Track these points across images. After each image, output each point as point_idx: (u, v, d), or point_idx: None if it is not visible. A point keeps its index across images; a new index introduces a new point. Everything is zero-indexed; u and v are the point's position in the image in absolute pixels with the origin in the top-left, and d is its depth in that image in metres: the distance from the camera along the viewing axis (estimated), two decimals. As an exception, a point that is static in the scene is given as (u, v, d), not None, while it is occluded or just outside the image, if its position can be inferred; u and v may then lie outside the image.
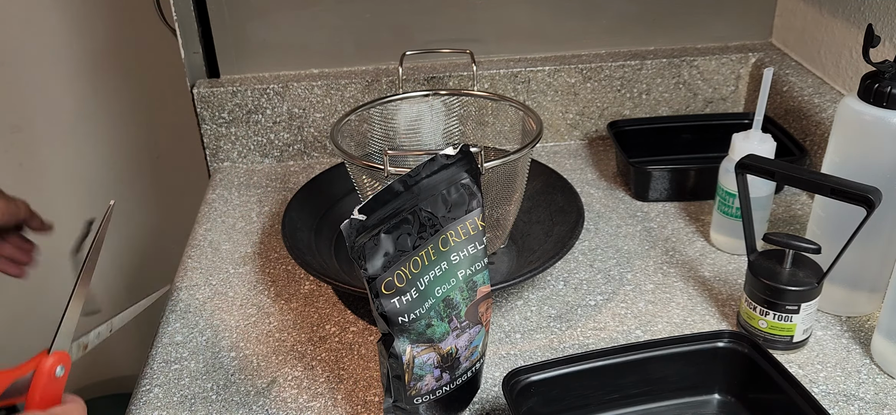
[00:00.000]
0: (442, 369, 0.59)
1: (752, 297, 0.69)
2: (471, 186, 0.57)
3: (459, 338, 0.58)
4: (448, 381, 0.60)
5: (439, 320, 0.57)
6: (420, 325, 0.56)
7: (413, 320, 0.55)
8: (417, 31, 1.05)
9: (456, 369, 0.60)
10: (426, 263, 0.55)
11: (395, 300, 0.54)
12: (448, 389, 0.60)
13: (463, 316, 0.58)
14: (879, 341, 0.68)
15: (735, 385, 0.65)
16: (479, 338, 0.60)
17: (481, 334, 0.61)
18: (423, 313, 0.55)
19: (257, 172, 1.06)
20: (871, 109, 0.67)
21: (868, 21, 0.87)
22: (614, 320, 0.75)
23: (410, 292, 0.55)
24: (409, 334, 0.55)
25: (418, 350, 0.56)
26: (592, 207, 0.93)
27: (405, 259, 0.54)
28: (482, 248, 0.58)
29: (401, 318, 0.55)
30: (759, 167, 0.69)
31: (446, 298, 0.57)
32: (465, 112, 0.87)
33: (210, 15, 1.02)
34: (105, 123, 1.38)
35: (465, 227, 0.57)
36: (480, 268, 0.59)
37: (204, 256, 0.87)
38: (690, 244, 0.86)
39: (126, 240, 1.48)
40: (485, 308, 0.60)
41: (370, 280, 0.53)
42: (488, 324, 0.62)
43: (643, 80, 1.07)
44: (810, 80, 0.98)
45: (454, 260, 0.57)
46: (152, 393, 0.68)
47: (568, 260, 0.84)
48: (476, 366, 0.62)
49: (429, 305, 0.56)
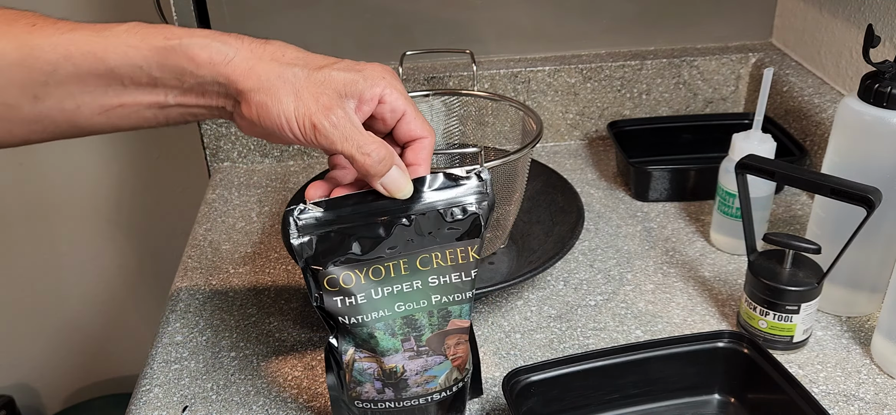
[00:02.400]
0: (384, 383, 0.56)
1: (752, 297, 0.69)
2: (477, 213, 0.54)
3: (412, 360, 0.56)
4: (392, 398, 0.57)
5: (388, 335, 0.54)
6: (362, 332, 0.54)
7: (354, 324, 0.54)
8: (417, 31, 1.05)
9: (402, 390, 0.57)
10: (392, 276, 0.53)
11: (337, 299, 0.53)
12: (392, 406, 0.57)
13: (423, 341, 0.55)
14: (879, 342, 0.68)
15: (735, 385, 0.65)
16: (439, 369, 0.57)
17: (444, 368, 0.57)
18: (365, 322, 0.53)
19: (257, 172, 1.06)
20: (871, 109, 0.67)
21: (868, 21, 0.87)
22: (614, 320, 0.75)
23: (357, 297, 0.53)
24: (353, 337, 0.54)
25: (360, 355, 0.55)
26: (592, 207, 0.93)
27: (363, 265, 0.53)
28: (469, 281, 0.55)
29: (340, 318, 0.53)
30: (759, 167, 0.69)
31: (407, 316, 0.54)
32: (465, 112, 0.87)
33: (210, 15, 1.02)
34: (105, 123, 1.37)
35: (455, 253, 0.54)
36: (461, 300, 0.55)
37: (204, 256, 0.87)
38: (690, 244, 0.86)
39: (126, 240, 1.48)
40: (455, 343, 0.57)
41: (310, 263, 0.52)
42: (460, 363, 0.58)
43: (643, 81, 1.07)
44: (810, 81, 0.98)
45: (431, 283, 0.54)
46: (152, 393, 0.68)
47: (568, 260, 0.84)
48: (432, 397, 0.58)
49: (377, 316, 0.54)
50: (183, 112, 0.54)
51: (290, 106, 0.50)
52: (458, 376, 0.59)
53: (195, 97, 0.52)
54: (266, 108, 0.50)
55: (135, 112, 0.53)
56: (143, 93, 0.52)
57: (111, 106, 0.53)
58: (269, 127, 0.50)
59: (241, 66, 0.50)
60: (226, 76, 0.50)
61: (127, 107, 0.53)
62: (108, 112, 0.53)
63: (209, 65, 0.51)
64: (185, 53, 0.50)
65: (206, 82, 0.51)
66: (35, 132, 0.54)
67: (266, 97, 0.50)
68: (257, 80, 0.50)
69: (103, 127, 0.54)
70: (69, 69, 0.51)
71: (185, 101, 0.53)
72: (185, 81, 0.51)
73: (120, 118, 0.54)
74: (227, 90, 0.51)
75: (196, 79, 0.51)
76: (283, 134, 0.50)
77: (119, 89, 0.52)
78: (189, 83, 0.51)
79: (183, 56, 0.51)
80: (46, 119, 0.53)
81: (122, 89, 0.52)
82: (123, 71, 0.51)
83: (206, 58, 0.51)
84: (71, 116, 0.53)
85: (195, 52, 0.50)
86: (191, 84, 0.51)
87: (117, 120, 0.54)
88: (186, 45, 0.50)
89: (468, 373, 0.60)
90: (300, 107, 0.50)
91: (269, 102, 0.50)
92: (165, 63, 0.51)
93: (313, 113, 0.50)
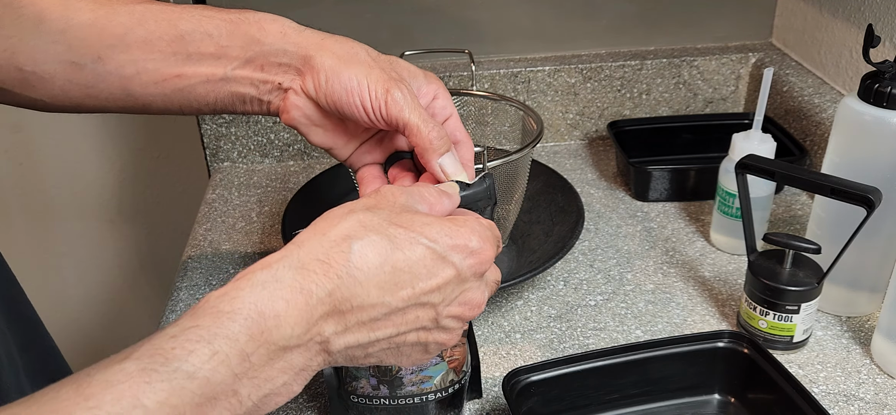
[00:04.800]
0: (379, 379, 0.57)
1: (752, 297, 0.69)
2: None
3: None
4: (386, 395, 0.57)
5: None
6: None
7: None
8: (417, 31, 1.05)
9: (397, 388, 0.57)
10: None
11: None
12: (387, 403, 0.58)
13: None
14: (879, 341, 0.68)
15: (735, 385, 0.65)
16: (434, 370, 0.58)
17: (440, 369, 0.58)
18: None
19: (257, 172, 1.06)
20: (871, 109, 0.67)
21: (868, 21, 0.87)
22: (614, 320, 0.75)
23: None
24: None
25: None
26: (592, 207, 0.93)
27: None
28: None
29: None
30: (759, 167, 0.69)
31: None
32: (465, 112, 0.87)
33: (210, 15, 1.02)
34: (105, 123, 1.38)
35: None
36: None
37: (204, 256, 0.87)
38: (690, 244, 0.86)
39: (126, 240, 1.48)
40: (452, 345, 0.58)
41: None
42: (457, 365, 0.59)
43: (643, 80, 1.07)
44: (810, 81, 0.98)
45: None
46: (152, 393, 0.68)
47: (568, 260, 0.84)
48: (426, 397, 0.58)
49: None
50: (234, 92, 0.54)
51: (363, 72, 0.50)
52: (455, 378, 0.59)
53: (253, 70, 0.53)
54: (336, 73, 0.50)
55: (189, 87, 0.54)
56: (205, 63, 0.53)
57: (169, 75, 0.53)
58: (335, 94, 0.51)
59: (311, 38, 0.52)
60: (296, 43, 0.52)
61: (184, 78, 0.53)
62: (164, 83, 0.54)
63: (280, 34, 0.52)
64: (257, 23, 0.52)
65: (271, 51, 0.52)
66: (90, 97, 0.55)
67: (338, 63, 0.51)
68: (329, 51, 0.51)
69: (154, 100, 0.55)
70: (140, 34, 0.52)
71: (244, 73, 0.53)
72: (251, 50, 0.52)
73: (173, 91, 0.54)
74: (294, 60, 0.52)
75: (262, 47, 0.52)
76: (350, 100, 0.50)
77: (183, 58, 0.53)
78: (254, 52, 0.52)
79: (254, 25, 0.52)
80: (103, 84, 0.54)
81: (185, 58, 0.53)
82: (194, 36, 0.52)
83: (278, 29, 0.52)
84: (127, 84, 0.54)
85: (266, 23, 0.52)
86: (255, 53, 0.52)
87: (171, 92, 0.54)
88: (260, 17, 0.52)
89: (465, 375, 0.60)
90: (372, 75, 0.50)
91: (341, 68, 0.50)
92: (236, 31, 0.52)
93: (386, 81, 0.50)
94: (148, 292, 1.53)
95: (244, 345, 0.37)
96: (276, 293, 0.39)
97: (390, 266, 0.41)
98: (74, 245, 1.46)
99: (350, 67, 0.50)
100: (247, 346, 0.37)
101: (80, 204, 1.43)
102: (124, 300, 1.53)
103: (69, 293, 1.51)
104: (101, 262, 1.49)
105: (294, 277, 0.39)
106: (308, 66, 0.51)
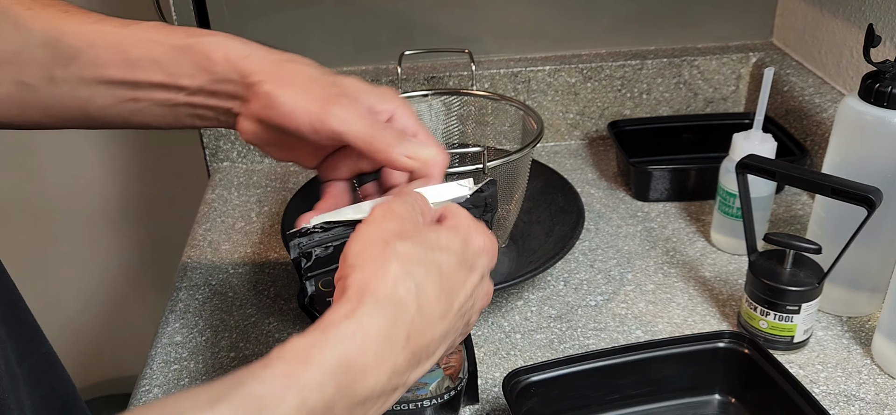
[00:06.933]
0: None
1: (753, 297, 0.69)
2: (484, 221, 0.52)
3: None
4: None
5: None
6: None
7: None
8: (417, 31, 1.05)
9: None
10: None
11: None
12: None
13: None
14: (880, 342, 0.68)
15: (735, 386, 0.65)
16: (430, 377, 0.58)
17: (435, 376, 0.58)
18: None
19: (257, 172, 1.06)
20: (871, 108, 0.67)
21: (869, 21, 0.87)
22: (614, 321, 0.75)
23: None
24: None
25: None
26: (593, 207, 0.93)
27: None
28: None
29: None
30: (759, 167, 0.69)
31: None
32: (465, 112, 0.87)
33: (210, 15, 1.02)
34: (105, 123, 1.37)
35: None
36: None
37: (204, 256, 0.87)
38: (691, 244, 0.86)
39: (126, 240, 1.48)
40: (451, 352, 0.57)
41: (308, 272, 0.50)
42: (453, 372, 0.59)
43: (643, 80, 1.07)
44: (811, 80, 0.98)
45: None
46: (152, 393, 0.68)
47: (568, 260, 0.84)
48: (421, 403, 0.58)
49: None
50: (191, 113, 0.54)
51: (299, 93, 0.50)
52: (451, 384, 0.59)
53: (205, 97, 0.53)
54: (274, 97, 0.50)
55: (146, 108, 0.54)
56: (157, 89, 0.53)
57: (124, 98, 0.53)
58: (276, 118, 0.50)
59: (256, 62, 0.51)
60: (239, 70, 0.51)
61: (139, 101, 0.53)
62: (120, 105, 0.54)
63: (225, 61, 0.51)
64: (202, 51, 0.51)
65: (218, 79, 0.52)
66: (48, 117, 0.55)
67: (276, 87, 0.50)
68: (269, 74, 0.50)
69: (113, 120, 0.55)
70: (91, 55, 0.52)
71: (196, 100, 0.53)
72: (199, 78, 0.52)
73: (131, 112, 0.54)
74: (238, 87, 0.51)
75: (210, 75, 0.51)
76: (291, 123, 0.50)
77: (134, 84, 0.53)
78: (202, 80, 0.52)
79: (200, 53, 0.51)
80: (60, 104, 0.54)
81: (136, 83, 0.53)
82: (142, 64, 0.52)
83: (223, 55, 0.51)
84: (83, 104, 0.54)
85: (212, 49, 0.51)
86: (204, 81, 0.52)
87: (127, 114, 0.54)
88: (206, 43, 0.51)
89: (462, 382, 0.60)
90: (310, 95, 0.50)
91: (279, 91, 0.50)
92: (183, 59, 0.52)
93: (325, 99, 0.49)
94: (148, 292, 1.52)
95: (331, 397, 0.38)
96: (365, 345, 0.39)
97: (445, 294, 0.43)
98: (74, 245, 1.46)
99: (287, 89, 0.50)
100: (333, 397, 0.38)
101: (80, 204, 1.42)
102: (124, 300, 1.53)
103: (69, 293, 1.51)
104: (101, 262, 1.49)
105: (378, 327, 0.39)
106: (250, 91, 0.51)
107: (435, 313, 0.42)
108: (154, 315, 0.78)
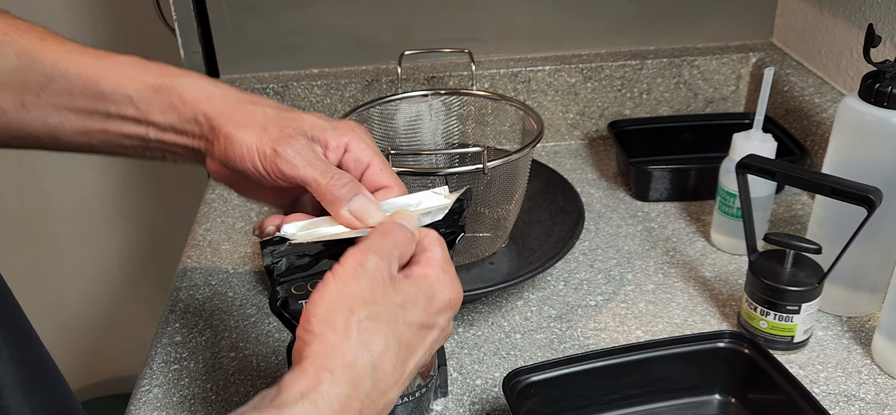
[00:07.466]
0: None
1: (753, 297, 0.69)
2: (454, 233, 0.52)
3: None
4: None
5: None
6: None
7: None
8: (417, 31, 1.05)
9: None
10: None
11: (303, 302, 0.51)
12: None
13: None
14: (880, 342, 0.68)
15: (735, 386, 0.65)
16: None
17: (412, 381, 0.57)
18: None
19: (257, 172, 1.05)
20: (871, 108, 0.67)
21: (869, 21, 0.87)
22: (615, 321, 0.75)
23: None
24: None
25: None
26: (593, 207, 0.93)
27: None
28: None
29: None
30: (759, 167, 0.69)
31: None
32: (465, 112, 0.87)
33: (210, 14, 1.02)
34: (105, 123, 1.38)
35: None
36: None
37: (203, 256, 0.87)
38: (691, 244, 0.86)
39: (126, 240, 1.48)
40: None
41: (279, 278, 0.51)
42: (424, 371, 0.59)
43: (643, 80, 1.07)
44: (811, 80, 0.98)
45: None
46: (152, 393, 0.68)
47: (568, 260, 0.84)
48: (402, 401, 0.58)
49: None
50: (161, 148, 0.55)
51: (253, 136, 0.50)
52: (421, 382, 0.59)
53: (175, 135, 0.53)
54: (231, 139, 0.50)
55: (115, 139, 0.54)
56: (127, 123, 0.53)
57: (94, 129, 0.54)
58: (233, 159, 0.51)
59: (220, 105, 0.52)
60: (204, 112, 0.51)
61: (108, 132, 0.54)
62: (90, 134, 0.54)
63: (193, 102, 0.52)
64: (176, 91, 0.52)
65: (187, 119, 0.52)
66: (16, 139, 0.55)
67: (233, 129, 0.50)
68: (228, 117, 0.51)
69: (82, 147, 0.55)
70: (63, 85, 0.52)
71: (165, 138, 0.53)
72: (170, 116, 0.52)
73: (100, 143, 0.55)
74: (203, 128, 0.52)
75: (179, 115, 0.52)
76: (245, 166, 0.50)
77: (105, 115, 0.53)
78: (172, 119, 0.52)
79: (173, 92, 0.52)
80: (29, 129, 0.54)
81: (107, 115, 0.53)
82: (115, 97, 0.52)
83: (193, 96, 0.52)
84: (53, 131, 0.54)
85: (185, 91, 0.52)
86: (173, 120, 0.52)
87: (97, 143, 0.55)
88: (180, 83, 0.52)
89: (432, 379, 0.61)
90: (263, 137, 0.50)
91: (235, 134, 0.50)
92: (155, 98, 0.52)
93: (276, 141, 0.50)
94: (148, 292, 1.52)
95: None
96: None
97: (401, 361, 0.45)
98: (74, 245, 1.46)
99: (243, 132, 0.50)
100: None
101: (80, 204, 1.43)
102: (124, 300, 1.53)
103: (69, 292, 1.51)
104: (101, 262, 1.49)
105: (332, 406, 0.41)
106: (213, 134, 0.51)
107: (389, 381, 0.44)
108: (154, 315, 0.78)
